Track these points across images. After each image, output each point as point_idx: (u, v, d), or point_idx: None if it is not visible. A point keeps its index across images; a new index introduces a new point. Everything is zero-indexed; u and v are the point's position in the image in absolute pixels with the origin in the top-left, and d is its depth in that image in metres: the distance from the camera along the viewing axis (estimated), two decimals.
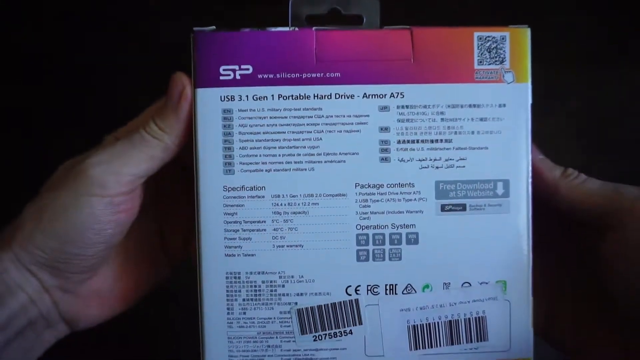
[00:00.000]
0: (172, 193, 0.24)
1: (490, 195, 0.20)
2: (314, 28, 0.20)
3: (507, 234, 0.20)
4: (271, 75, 0.20)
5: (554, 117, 0.21)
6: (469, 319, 0.20)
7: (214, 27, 0.20)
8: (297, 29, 0.20)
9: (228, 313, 0.20)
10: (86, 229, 0.19)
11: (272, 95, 0.20)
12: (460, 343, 0.21)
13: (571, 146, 0.32)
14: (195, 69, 0.20)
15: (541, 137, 0.22)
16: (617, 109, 0.34)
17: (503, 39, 0.20)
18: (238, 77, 0.20)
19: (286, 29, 0.20)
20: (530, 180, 0.20)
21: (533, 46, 0.20)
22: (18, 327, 0.20)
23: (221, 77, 0.20)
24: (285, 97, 0.20)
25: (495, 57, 0.20)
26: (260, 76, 0.20)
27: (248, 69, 0.20)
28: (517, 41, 0.20)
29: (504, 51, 0.20)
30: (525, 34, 0.20)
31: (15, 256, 0.19)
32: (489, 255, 0.20)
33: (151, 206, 0.23)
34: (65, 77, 0.32)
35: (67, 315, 0.21)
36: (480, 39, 0.20)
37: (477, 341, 0.21)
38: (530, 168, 0.20)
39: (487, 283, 0.20)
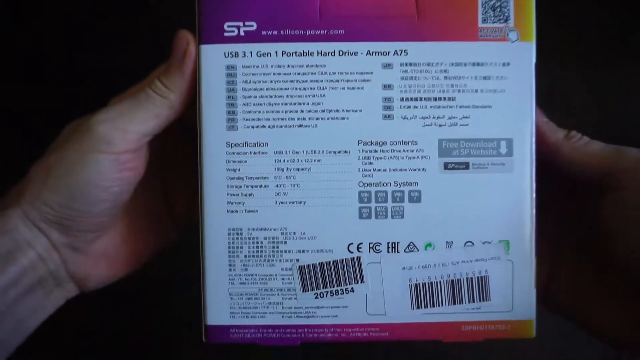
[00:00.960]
0: (178, 158, 0.24)
1: (494, 154, 0.20)
2: None
3: (510, 193, 0.20)
4: (275, 32, 0.20)
5: (554, 116, 0.21)
6: (471, 278, 0.20)
7: None
8: None
9: (230, 269, 0.20)
10: (93, 186, 0.20)
11: (276, 52, 0.20)
12: (462, 303, 0.20)
13: None
14: (199, 25, 0.20)
15: None
16: (618, 109, 0.34)
17: None
18: (242, 33, 0.20)
19: None
20: (534, 140, 0.20)
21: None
22: (28, 283, 0.20)
23: (225, 34, 0.20)
24: (288, 54, 0.20)
25: (500, 16, 0.20)
26: (264, 32, 0.20)
27: (252, 26, 0.20)
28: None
29: (508, 9, 0.20)
30: None
31: (24, 213, 0.20)
32: (492, 214, 0.20)
33: (157, 171, 0.23)
34: (65, 77, 0.32)
35: (76, 275, 0.21)
36: None
37: (480, 301, 0.20)
38: (534, 128, 0.20)
39: (489, 242, 0.20)
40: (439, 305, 0.20)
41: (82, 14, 0.32)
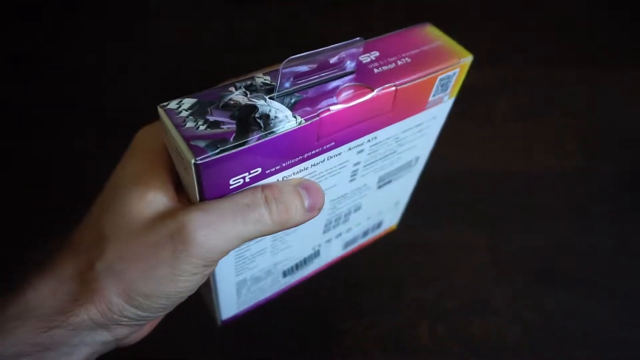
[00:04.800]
0: None
1: (407, 167, 0.28)
2: (319, 111, 0.18)
3: (410, 180, 0.30)
4: (278, 167, 0.19)
5: (554, 117, 0.24)
6: (375, 224, 0.32)
7: (219, 148, 0.16)
8: (304, 121, 0.18)
9: (237, 296, 0.27)
10: (178, 297, 0.19)
11: (277, 179, 0.20)
12: (368, 236, 0.33)
13: (571, 146, 0.32)
14: (201, 188, 0.17)
15: (542, 137, 0.26)
16: (617, 109, 0.35)
17: (454, 74, 0.23)
18: (248, 180, 0.19)
19: (293, 125, 0.18)
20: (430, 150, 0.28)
21: (534, 46, 0.22)
22: None
23: (231, 187, 0.18)
24: (288, 177, 0.20)
25: (444, 89, 0.23)
26: (268, 171, 0.19)
27: (257, 171, 0.19)
28: (461, 72, 0.23)
29: (451, 83, 0.23)
30: (468, 64, 0.23)
31: (93, 322, 0.19)
32: (397, 194, 0.30)
33: None
34: (65, 77, 0.32)
35: (121, 342, 0.22)
36: (441, 79, 0.22)
37: (376, 230, 0.33)
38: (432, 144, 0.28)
39: (388, 207, 0.31)
40: (357, 243, 0.32)
41: (82, 14, 0.33)
